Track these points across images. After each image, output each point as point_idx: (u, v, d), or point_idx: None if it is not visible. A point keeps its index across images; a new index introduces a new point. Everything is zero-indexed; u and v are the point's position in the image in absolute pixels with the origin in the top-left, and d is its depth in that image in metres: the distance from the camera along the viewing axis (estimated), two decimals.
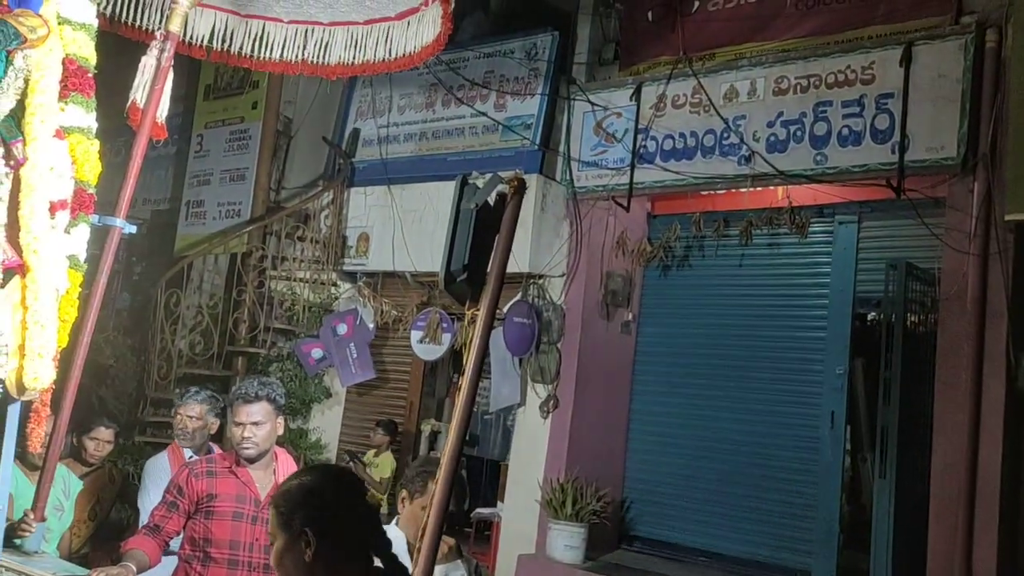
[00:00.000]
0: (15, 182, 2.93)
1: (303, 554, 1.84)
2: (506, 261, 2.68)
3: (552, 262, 6.59)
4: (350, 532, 1.88)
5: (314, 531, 1.83)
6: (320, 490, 1.91)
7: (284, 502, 1.91)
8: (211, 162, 8.15)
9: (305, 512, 1.86)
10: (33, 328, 2.88)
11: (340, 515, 1.88)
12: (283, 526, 1.88)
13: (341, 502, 1.91)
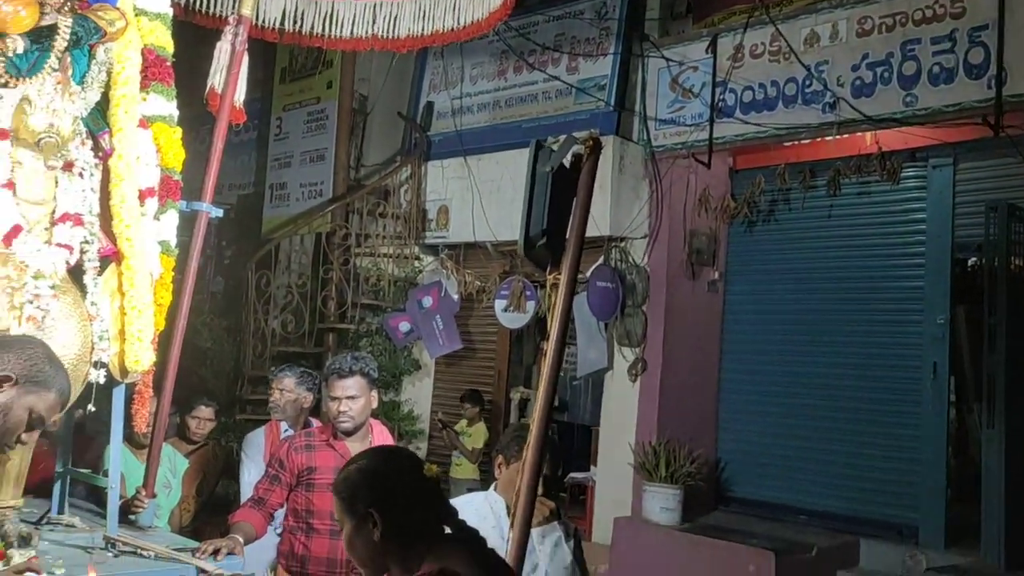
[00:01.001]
0: (104, 173, 3.03)
1: (371, 534, 1.85)
2: (585, 223, 2.64)
3: (633, 224, 6.50)
4: (413, 505, 1.88)
5: (378, 510, 1.85)
6: (378, 470, 1.93)
7: (345, 487, 1.93)
8: (291, 144, 8.29)
9: (367, 493, 1.88)
10: (131, 313, 2.98)
11: (401, 490, 1.89)
12: (348, 511, 1.90)
13: (400, 478, 1.92)
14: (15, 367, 2.03)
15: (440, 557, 1.80)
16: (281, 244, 7.86)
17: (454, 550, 1.85)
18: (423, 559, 1.82)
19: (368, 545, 1.86)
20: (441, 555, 1.81)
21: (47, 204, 2.85)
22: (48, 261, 2.71)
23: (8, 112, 2.73)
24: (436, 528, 1.88)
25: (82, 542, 3.14)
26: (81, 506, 3.59)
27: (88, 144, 2.98)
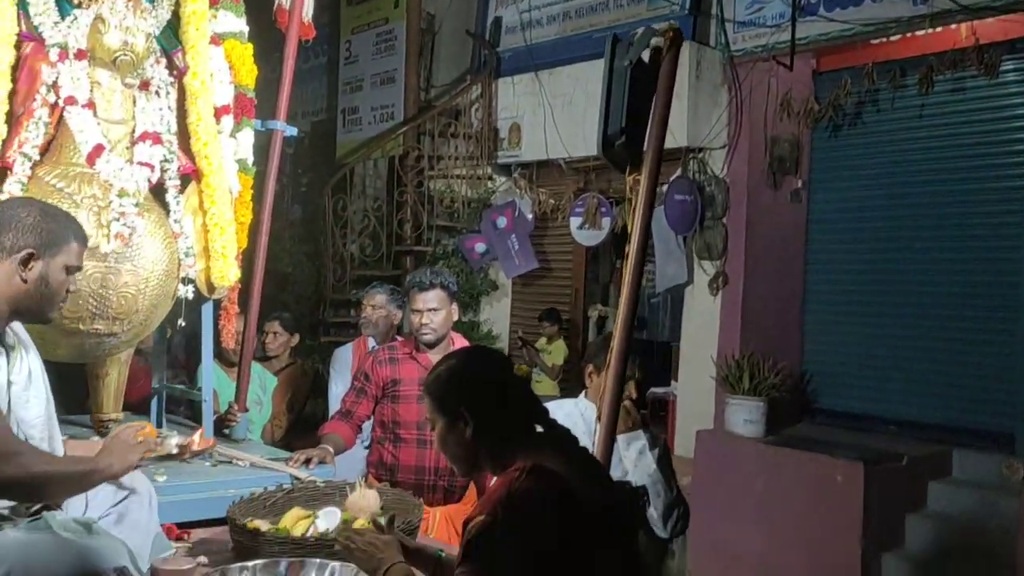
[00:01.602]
0: (180, 91, 3.04)
1: (463, 433, 1.86)
2: (666, 119, 2.55)
3: (711, 133, 6.29)
4: (504, 403, 1.89)
5: (469, 409, 1.86)
6: (468, 368, 1.94)
7: (436, 387, 1.94)
8: (361, 68, 8.25)
9: (457, 392, 1.89)
10: (213, 230, 3.03)
11: (491, 388, 1.90)
12: (439, 410, 1.91)
13: (490, 376, 1.93)
14: (29, 240, 2.03)
15: (532, 454, 1.79)
16: (355, 169, 7.88)
17: (546, 447, 1.84)
18: (515, 456, 1.81)
19: (460, 443, 1.88)
20: (533, 452, 1.80)
21: (127, 123, 2.88)
22: (131, 179, 2.75)
23: (83, 32, 2.76)
24: (527, 426, 1.88)
25: None
26: (178, 422, 3.74)
27: (163, 62, 3.00)
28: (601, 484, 1.90)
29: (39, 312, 2.09)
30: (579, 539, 1.70)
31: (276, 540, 2.48)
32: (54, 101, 2.75)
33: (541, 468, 1.74)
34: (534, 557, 1.65)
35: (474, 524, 1.69)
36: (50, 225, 2.06)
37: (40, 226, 2.04)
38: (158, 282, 2.87)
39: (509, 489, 1.70)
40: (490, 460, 1.88)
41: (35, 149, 2.71)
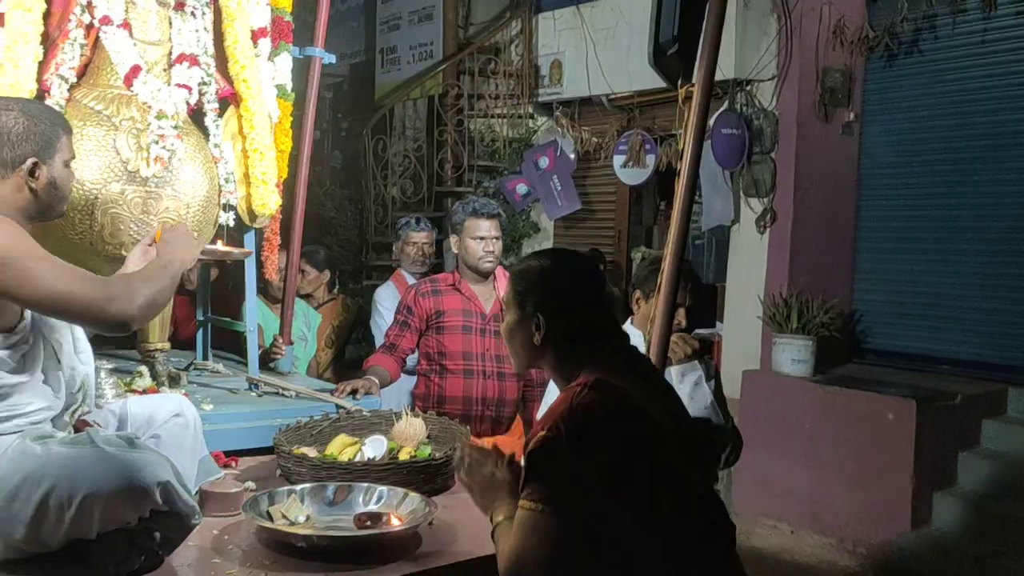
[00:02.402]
0: (216, 13, 2.97)
1: (532, 335, 1.81)
2: (720, 26, 2.41)
3: (760, 65, 6.08)
4: (582, 316, 1.82)
5: (545, 316, 1.79)
6: (556, 275, 1.86)
7: (520, 280, 1.87)
8: (398, 5, 8.10)
9: (539, 295, 1.82)
10: (253, 156, 2.98)
11: (573, 303, 1.82)
12: (516, 304, 1.85)
13: (576, 289, 1.85)
14: (28, 149, 1.96)
15: (599, 368, 1.72)
16: (395, 110, 7.80)
17: (614, 363, 1.76)
18: (580, 370, 1.75)
19: (526, 344, 1.82)
20: (600, 366, 1.73)
21: (163, 45, 2.82)
22: (169, 101, 2.69)
23: None
24: (600, 343, 1.80)
25: (227, 385, 3.27)
26: (224, 356, 3.74)
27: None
28: (672, 406, 1.82)
29: (52, 211, 2.06)
30: (647, 455, 1.63)
31: (323, 465, 2.47)
32: (89, 22, 2.69)
33: (606, 382, 1.67)
34: (599, 471, 1.58)
35: (536, 440, 1.63)
36: (40, 127, 1.99)
37: (32, 131, 1.96)
38: (199, 208, 2.83)
39: (571, 404, 1.64)
40: (553, 368, 1.83)
41: (72, 71, 2.67)
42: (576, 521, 1.58)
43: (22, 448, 1.87)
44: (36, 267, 1.83)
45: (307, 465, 2.47)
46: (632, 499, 1.60)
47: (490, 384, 3.44)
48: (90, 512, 1.78)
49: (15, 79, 2.51)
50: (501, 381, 3.45)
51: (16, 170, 1.94)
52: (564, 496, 1.58)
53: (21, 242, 1.86)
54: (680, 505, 1.68)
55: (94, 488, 1.77)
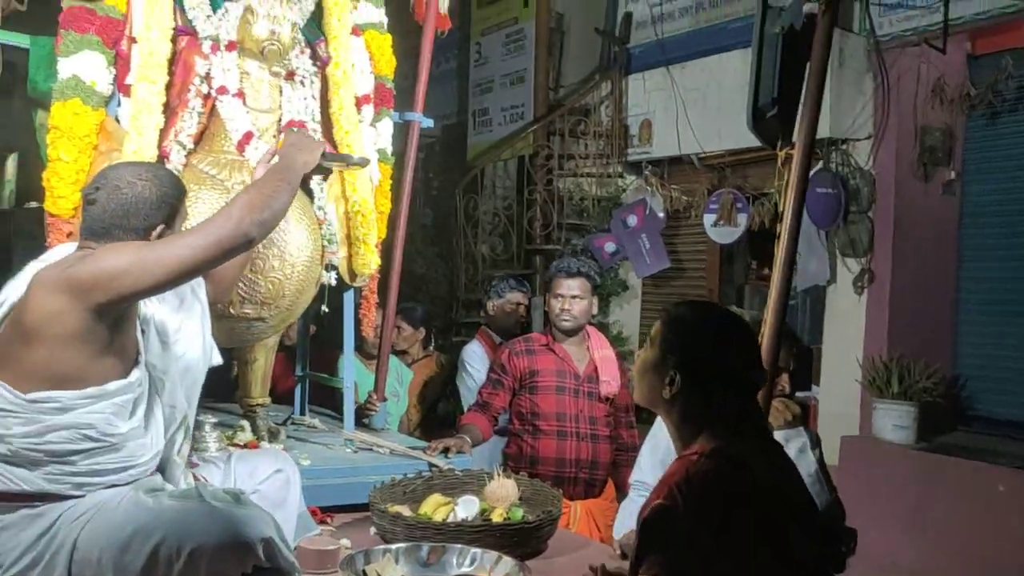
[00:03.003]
0: (322, 81, 3.11)
1: (663, 387, 1.75)
2: (821, 90, 2.41)
3: (855, 123, 5.99)
4: (719, 392, 1.74)
5: (682, 376, 1.73)
6: (708, 340, 1.77)
7: (671, 328, 1.80)
8: (491, 69, 8.30)
9: (683, 353, 1.75)
10: (355, 217, 3.07)
11: (715, 375, 1.74)
12: (659, 348, 1.79)
13: (724, 360, 1.75)
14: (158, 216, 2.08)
15: (721, 436, 1.67)
16: (486, 170, 7.94)
17: (738, 434, 1.70)
18: (701, 432, 1.70)
19: (654, 390, 1.78)
20: (723, 435, 1.68)
21: (274, 112, 2.96)
22: None
23: (233, 24, 2.84)
24: (730, 415, 1.74)
25: (323, 440, 3.34)
26: (320, 411, 3.82)
27: (307, 53, 3.07)
28: (794, 483, 1.75)
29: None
30: (766, 530, 1.58)
31: (417, 525, 2.48)
32: (207, 92, 2.85)
33: (724, 451, 1.63)
34: (717, 543, 1.54)
35: (651, 509, 1.60)
36: (169, 195, 2.11)
37: (163, 199, 2.09)
38: (303, 268, 2.93)
39: (687, 472, 1.60)
40: (674, 423, 1.77)
41: (189, 138, 2.82)
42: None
43: (135, 500, 1.94)
44: (149, 255, 1.92)
45: (401, 524, 2.49)
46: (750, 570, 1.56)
47: (583, 446, 3.41)
48: (197, 565, 1.83)
49: (139, 146, 2.66)
50: (594, 443, 3.42)
51: (147, 236, 2.05)
52: (682, 564, 1.54)
53: (124, 248, 1.95)
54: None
55: (202, 542, 1.82)
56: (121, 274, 1.88)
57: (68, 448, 1.92)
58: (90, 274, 1.89)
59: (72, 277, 1.89)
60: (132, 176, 2.09)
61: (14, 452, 1.90)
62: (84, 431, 1.93)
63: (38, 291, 1.91)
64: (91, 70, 2.67)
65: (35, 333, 1.89)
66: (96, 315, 1.90)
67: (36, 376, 1.90)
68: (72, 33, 2.67)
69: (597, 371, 3.49)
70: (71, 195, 2.65)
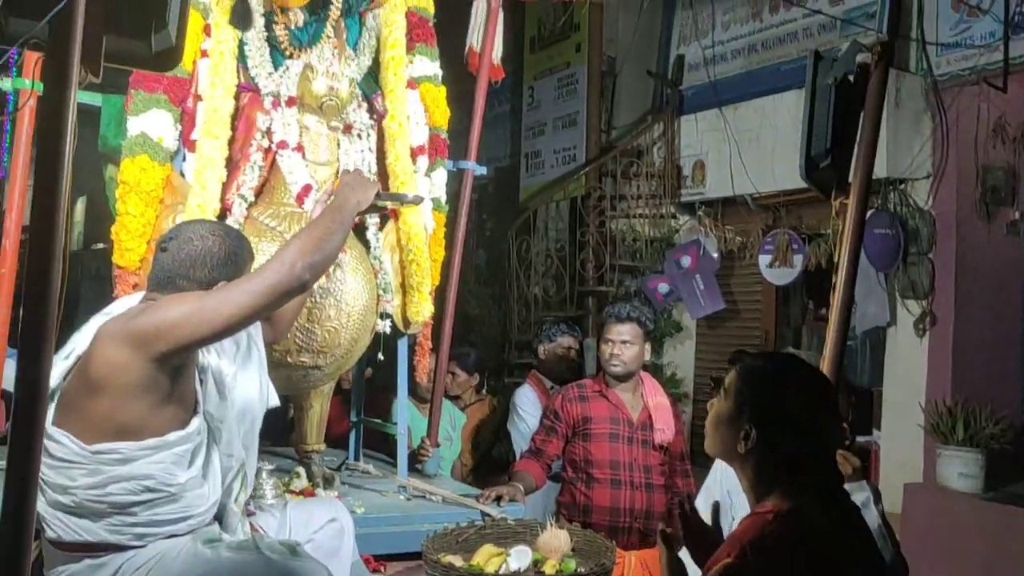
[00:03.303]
0: (379, 133, 3.18)
1: (737, 442, 1.70)
2: (876, 139, 2.39)
3: (914, 164, 5.90)
4: (797, 451, 1.67)
5: (758, 432, 1.68)
6: (789, 396, 1.70)
7: (747, 380, 1.74)
8: (543, 112, 8.40)
9: (760, 409, 1.69)
10: (410, 266, 3.12)
11: (794, 433, 1.67)
12: (733, 400, 1.74)
13: (804, 420, 1.69)
14: (222, 272, 2.13)
15: (795, 496, 1.63)
16: (538, 211, 7.98)
17: (813, 495, 1.65)
18: (775, 489, 1.66)
19: (727, 442, 1.74)
20: (797, 495, 1.63)
21: (332, 165, 3.03)
22: None
23: (294, 80, 2.93)
24: (807, 473, 1.68)
25: (377, 487, 3.36)
26: (373, 456, 3.85)
27: (363, 107, 3.14)
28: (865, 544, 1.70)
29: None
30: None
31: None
32: (267, 146, 2.93)
33: (799, 512, 1.59)
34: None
35: (720, 566, 1.56)
36: (233, 250, 2.18)
37: (230, 258, 2.16)
38: (359, 316, 2.98)
39: (761, 532, 1.57)
40: (747, 476, 1.72)
41: (251, 191, 2.90)
42: None
43: (194, 551, 1.97)
44: (208, 303, 1.97)
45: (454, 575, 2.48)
46: None
47: (638, 495, 3.37)
48: None
49: (202, 199, 2.75)
50: (649, 492, 3.38)
51: (209, 288, 2.11)
52: None
53: (184, 298, 2.02)
54: None
55: None
56: (181, 323, 1.93)
57: (129, 499, 1.97)
58: (152, 325, 1.94)
59: (135, 329, 1.95)
60: (205, 231, 2.18)
61: (78, 503, 1.95)
62: (144, 482, 1.98)
63: (102, 344, 1.97)
64: (158, 127, 2.78)
65: (99, 385, 1.95)
66: (158, 365, 1.95)
67: (100, 428, 1.96)
68: (141, 92, 2.78)
69: (651, 418, 3.46)
70: (138, 247, 2.74)
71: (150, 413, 1.99)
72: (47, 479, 1.95)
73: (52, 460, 1.94)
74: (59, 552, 1.99)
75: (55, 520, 1.96)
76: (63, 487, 1.95)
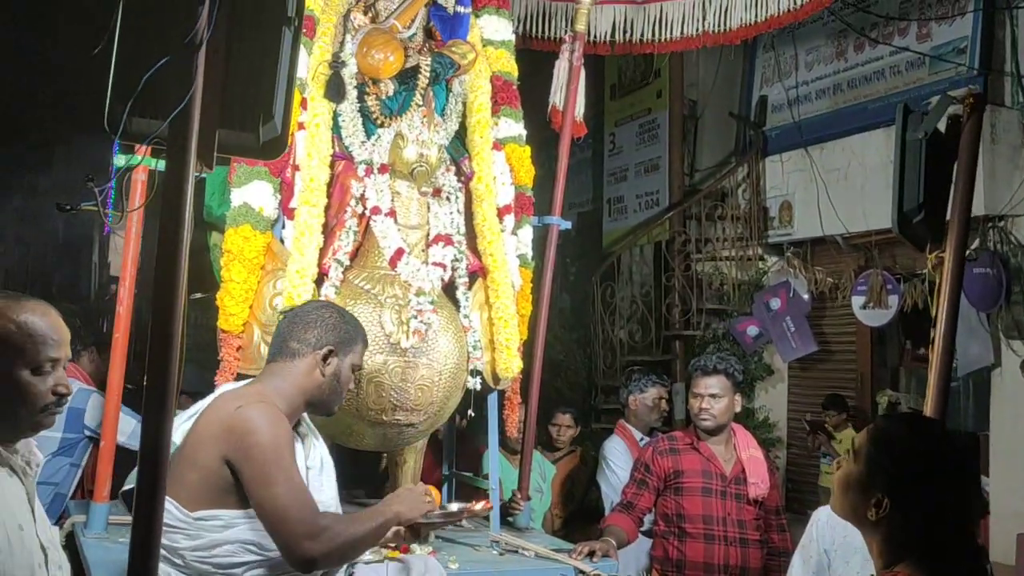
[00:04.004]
0: (466, 195, 3.26)
1: (867, 509, 1.63)
2: (971, 193, 2.35)
3: (1013, 199, 5.71)
4: (931, 524, 1.60)
5: (893, 502, 1.60)
6: (927, 467, 1.62)
7: (881, 446, 1.66)
8: (625, 158, 8.44)
9: (895, 478, 1.61)
10: (498, 323, 3.17)
11: (929, 506, 1.59)
12: (865, 464, 1.66)
13: (941, 493, 1.60)
14: (331, 338, 2.23)
15: (927, 567, 1.56)
16: (622, 256, 7.99)
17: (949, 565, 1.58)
18: (905, 558, 1.59)
19: (856, 508, 1.66)
20: (930, 566, 1.56)
21: (422, 228, 3.13)
22: (427, 279, 2.96)
23: (385, 148, 3.05)
24: (941, 537, 1.60)
25: (470, 541, 3.38)
26: None
27: (452, 170, 3.24)
28: None
29: (327, 405, 2.28)
30: None
31: None
32: (361, 212, 3.05)
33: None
34: None
35: None
36: (347, 326, 2.29)
37: (340, 327, 2.26)
38: (450, 374, 3.04)
39: None
40: (876, 542, 1.65)
41: (346, 256, 3.01)
42: None
43: None
44: (276, 475, 2.02)
45: None
46: None
47: (732, 551, 3.32)
48: None
49: (301, 265, 2.87)
50: (744, 548, 3.32)
51: (314, 352, 2.22)
52: None
53: (279, 444, 2.06)
54: None
55: None
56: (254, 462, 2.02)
57: (234, 560, 2.06)
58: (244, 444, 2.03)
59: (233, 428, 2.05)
60: (322, 307, 2.35)
61: (186, 564, 2.05)
62: (247, 546, 2.07)
63: (203, 422, 2.11)
64: (260, 198, 2.93)
65: (193, 455, 2.08)
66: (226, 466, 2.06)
67: (200, 496, 2.06)
68: (244, 165, 2.94)
69: (744, 472, 3.41)
70: (241, 312, 2.88)
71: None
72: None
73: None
74: None
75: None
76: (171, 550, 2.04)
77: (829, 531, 2.72)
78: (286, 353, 2.22)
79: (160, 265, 1.60)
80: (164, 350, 1.57)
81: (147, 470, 1.43)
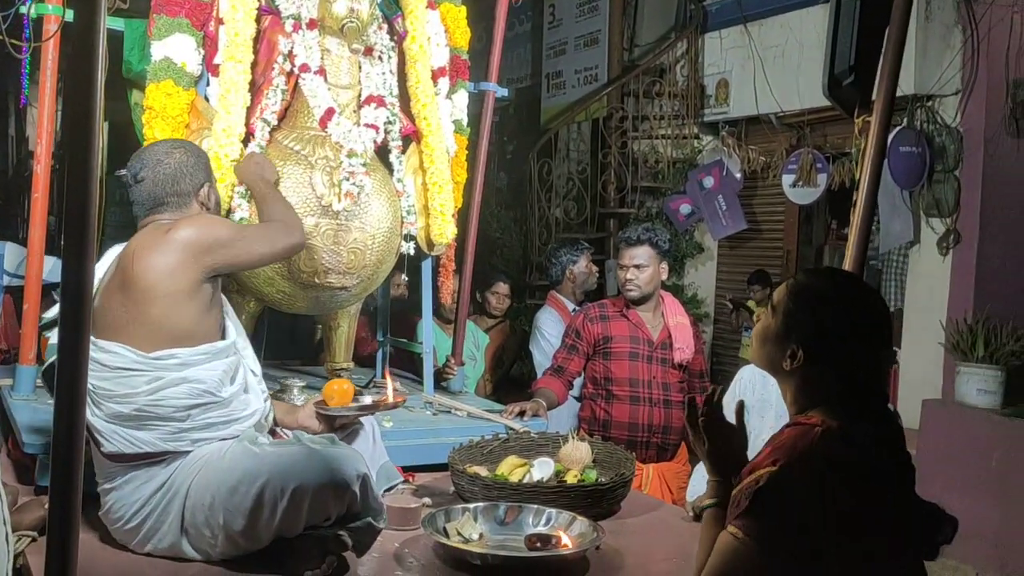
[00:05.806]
0: (399, 55, 3.17)
1: (783, 359, 1.67)
2: (901, 54, 2.37)
3: (942, 79, 5.79)
4: (843, 371, 1.64)
5: (804, 352, 1.64)
6: (839, 317, 1.65)
7: (796, 298, 1.68)
8: (564, 31, 8.26)
9: (807, 328, 1.65)
10: (433, 189, 3.15)
11: (841, 354, 1.63)
12: (781, 317, 1.69)
13: (853, 342, 1.64)
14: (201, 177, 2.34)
15: (838, 414, 1.60)
16: (560, 133, 7.93)
17: (858, 414, 1.61)
18: (818, 405, 1.63)
19: (772, 359, 1.69)
20: (841, 412, 1.60)
21: (353, 88, 3.04)
22: (359, 140, 2.91)
23: (314, 2, 2.93)
24: (853, 387, 1.64)
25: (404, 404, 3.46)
26: (400, 374, 3.95)
27: (384, 28, 3.14)
28: (902, 462, 1.67)
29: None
30: (867, 508, 1.54)
31: (495, 485, 2.58)
32: (289, 69, 2.95)
33: (839, 431, 1.57)
34: (820, 518, 1.50)
35: (763, 474, 1.53)
36: (202, 158, 2.37)
37: (199, 162, 2.33)
38: (383, 238, 3.03)
39: (810, 445, 1.55)
40: (789, 391, 1.69)
41: (274, 115, 2.93)
42: (781, 564, 1.51)
43: (240, 448, 2.10)
44: (249, 236, 2.33)
45: (480, 484, 2.58)
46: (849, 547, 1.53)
47: (656, 412, 3.46)
48: (300, 504, 1.98)
49: (227, 124, 2.79)
50: (667, 409, 3.47)
51: (196, 195, 2.28)
52: (779, 538, 1.51)
53: (222, 223, 2.31)
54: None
55: (303, 481, 1.98)
56: (229, 244, 2.19)
57: (185, 403, 2.09)
58: (206, 238, 2.14)
59: (187, 239, 2.12)
60: (166, 149, 2.34)
61: (139, 410, 2.06)
62: (198, 386, 2.11)
63: (147, 254, 2.11)
64: (182, 52, 2.80)
65: (151, 293, 2.09)
66: (204, 275, 2.13)
67: (156, 335, 2.09)
68: (164, 16, 2.79)
69: (671, 337, 3.52)
70: None
71: (198, 320, 2.14)
72: (105, 391, 2.08)
73: (109, 371, 2.07)
74: (116, 464, 2.11)
75: (113, 435, 2.08)
76: (124, 396, 2.07)
77: (750, 388, 2.86)
78: (168, 208, 2.26)
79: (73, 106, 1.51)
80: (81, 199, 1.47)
81: (71, 310, 1.40)
